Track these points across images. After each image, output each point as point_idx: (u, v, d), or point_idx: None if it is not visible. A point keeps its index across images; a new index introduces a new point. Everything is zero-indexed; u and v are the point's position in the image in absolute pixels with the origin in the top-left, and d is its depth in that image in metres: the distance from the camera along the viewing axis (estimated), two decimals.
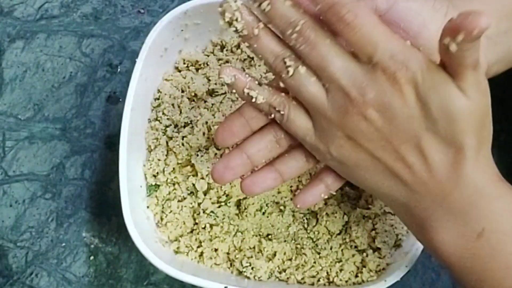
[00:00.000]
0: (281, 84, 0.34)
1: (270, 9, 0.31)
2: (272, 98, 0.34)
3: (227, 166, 0.37)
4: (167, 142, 0.47)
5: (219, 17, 0.33)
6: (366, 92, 0.31)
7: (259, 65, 0.50)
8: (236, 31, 0.33)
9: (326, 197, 0.38)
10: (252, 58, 0.50)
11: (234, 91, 0.35)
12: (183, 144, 0.47)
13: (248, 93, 0.34)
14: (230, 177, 0.37)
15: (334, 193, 0.39)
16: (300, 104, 0.34)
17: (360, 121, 0.32)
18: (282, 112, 0.34)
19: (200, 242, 0.45)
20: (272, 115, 0.35)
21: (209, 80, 0.50)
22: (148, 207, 0.46)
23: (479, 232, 0.32)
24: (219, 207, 0.46)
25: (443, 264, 0.34)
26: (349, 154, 0.34)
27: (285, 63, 0.32)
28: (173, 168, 0.47)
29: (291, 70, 0.32)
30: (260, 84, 0.35)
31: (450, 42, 0.28)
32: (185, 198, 0.46)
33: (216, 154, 0.46)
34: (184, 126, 0.48)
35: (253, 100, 0.34)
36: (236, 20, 0.32)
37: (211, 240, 0.45)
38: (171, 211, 0.46)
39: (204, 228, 0.45)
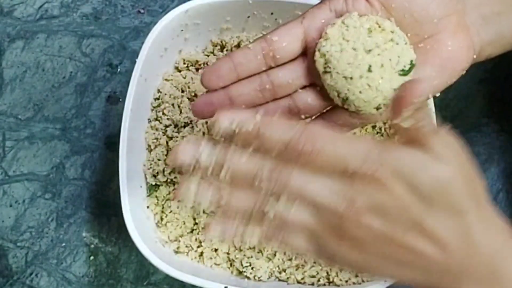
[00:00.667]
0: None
1: (229, 173, 0.30)
2: (264, 233, 0.32)
3: (207, 100, 0.36)
4: (167, 142, 0.47)
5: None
6: (354, 202, 0.30)
7: None
8: (206, 206, 0.32)
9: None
10: None
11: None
12: None
13: (241, 240, 0.33)
14: (208, 112, 0.36)
15: None
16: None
17: (358, 230, 0.31)
18: (279, 240, 0.33)
19: (200, 242, 0.45)
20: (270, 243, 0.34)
21: None
22: (148, 207, 0.46)
23: None
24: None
25: None
26: (357, 260, 0.32)
27: (262, 211, 0.31)
28: (173, 168, 0.47)
29: (271, 214, 0.31)
30: (246, 224, 0.33)
31: (401, 121, 0.29)
32: None
33: None
34: (184, 126, 0.48)
35: (247, 244, 0.32)
36: (202, 198, 0.31)
37: (211, 240, 0.45)
38: (171, 211, 0.46)
39: (204, 228, 0.45)
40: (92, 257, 0.49)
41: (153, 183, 0.47)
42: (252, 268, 0.44)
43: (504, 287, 0.32)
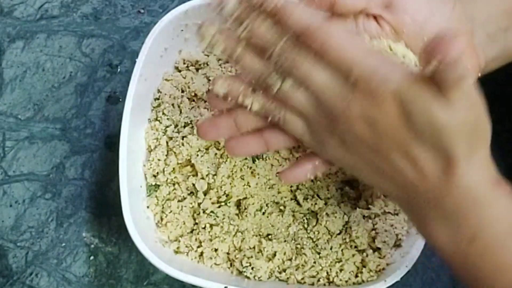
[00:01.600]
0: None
1: (250, 30, 0.32)
2: (267, 105, 0.34)
3: (213, 123, 0.37)
4: (167, 142, 0.47)
5: (199, 40, 0.33)
6: (350, 107, 0.31)
7: None
8: (216, 53, 0.33)
9: (311, 177, 0.38)
10: None
11: (230, 99, 0.35)
12: (183, 144, 0.47)
13: (243, 103, 0.34)
14: (213, 135, 0.38)
15: (320, 175, 0.39)
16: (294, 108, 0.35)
17: (348, 133, 0.32)
18: (278, 116, 0.35)
19: (200, 242, 0.45)
20: (269, 119, 0.35)
21: (209, 80, 0.50)
22: (148, 207, 0.46)
23: (471, 237, 0.32)
24: (219, 207, 0.46)
25: (441, 257, 0.35)
26: (343, 156, 0.34)
27: (267, 83, 0.33)
28: (173, 168, 0.47)
29: (274, 88, 0.33)
30: (254, 90, 0.35)
31: (429, 63, 0.28)
32: (185, 198, 0.46)
33: (216, 154, 0.46)
34: (184, 126, 0.48)
35: (248, 107, 0.34)
36: (216, 43, 0.32)
37: (211, 240, 0.45)
38: (171, 211, 0.46)
39: (204, 228, 0.45)
40: (92, 257, 0.49)
41: (153, 183, 0.47)
42: (252, 268, 0.44)
43: (471, 230, 0.32)
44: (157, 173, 0.47)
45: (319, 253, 0.44)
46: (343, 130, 0.32)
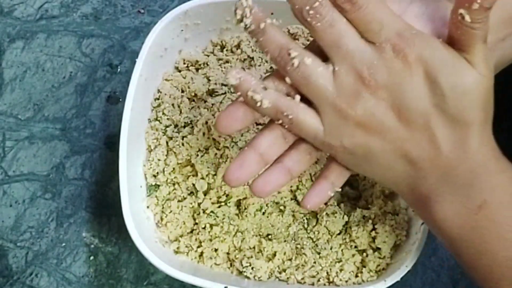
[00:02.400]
0: (288, 80, 0.34)
1: None
2: (279, 102, 0.34)
3: (241, 165, 0.36)
4: (167, 142, 0.47)
5: (233, 14, 0.34)
6: (377, 71, 0.32)
7: (259, 65, 0.50)
8: (245, 27, 0.34)
9: (332, 194, 0.38)
10: (252, 58, 0.50)
11: (239, 93, 0.34)
12: (183, 144, 0.47)
13: (252, 97, 0.34)
14: (245, 177, 0.36)
15: (339, 189, 0.39)
16: (307, 103, 0.34)
17: (370, 102, 0.32)
18: (290, 116, 0.34)
19: (200, 242, 0.45)
20: (279, 121, 0.35)
21: (209, 80, 0.50)
22: (148, 207, 0.46)
23: (480, 203, 0.33)
24: (219, 207, 0.46)
25: (444, 239, 0.35)
26: (360, 142, 0.34)
27: (289, 55, 0.33)
28: (173, 168, 0.47)
29: (296, 61, 0.33)
30: (265, 88, 0.34)
31: (465, 12, 0.29)
32: (185, 198, 0.46)
33: (216, 154, 0.46)
34: (184, 126, 0.48)
35: (258, 104, 0.34)
36: (246, 16, 0.33)
37: (211, 240, 0.45)
38: (171, 211, 0.46)
39: (204, 228, 0.45)
40: (92, 257, 0.49)
41: (153, 183, 0.47)
42: (252, 268, 0.44)
43: (482, 195, 0.33)
44: (157, 173, 0.47)
45: (319, 253, 0.44)
46: (364, 103, 0.32)
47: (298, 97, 0.34)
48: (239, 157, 0.36)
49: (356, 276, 0.44)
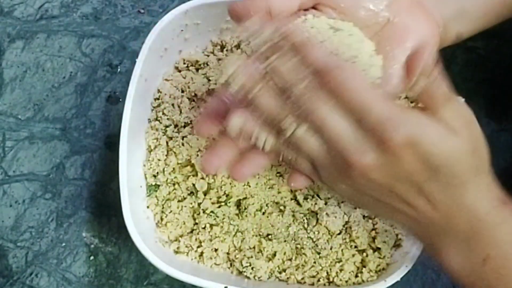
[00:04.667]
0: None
1: (273, 67, 0.31)
2: (279, 146, 0.34)
3: (213, 153, 0.37)
4: (167, 142, 0.47)
5: (223, 69, 0.33)
6: (365, 156, 0.31)
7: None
8: (237, 87, 0.33)
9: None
10: None
11: (241, 139, 0.34)
12: (183, 144, 0.47)
13: (255, 143, 0.34)
14: (218, 163, 0.36)
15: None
16: None
17: (361, 179, 0.32)
18: (289, 158, 0.35)
19: (200, 242, 0.45)
20: (280, 158, 0.35)
21: (209, 80, 0.50)
22: (148, 207, 0.46)
23: (484, 258, 0.33)
24: (219, 207, 0.46)
25: (456, 282, 0.36)
26: (353, 197, 0.35)
27: (280, 127, 0.33)
28: (173, 168, 0.47)
29: (288, 132, 0.32)
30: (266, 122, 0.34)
31: (416, 81, 0.30)
32: (185, 198, 0.46)
33: None
34: (184, 126, 0.48)
35: (261, 147, 0.34)
36: (238, 77, 0.32)
37: (211, 240, 0.45)
38: (171, 211, 0.46)
39: (204, 228, 0.45)
40: (92, 257, 0.49)
41: (153, 183, 0.47)
42: (252, 268, 0.44)
43: (484, 250, 0.34)
44: (157, 173, 0.47)
45: (319, 253, 0.44)
46: (356, 177, 0.32)
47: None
48: (213, 145, 0.37)
49: (356, 276, 0.44)
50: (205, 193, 0.46)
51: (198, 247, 0.45)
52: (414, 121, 0.31)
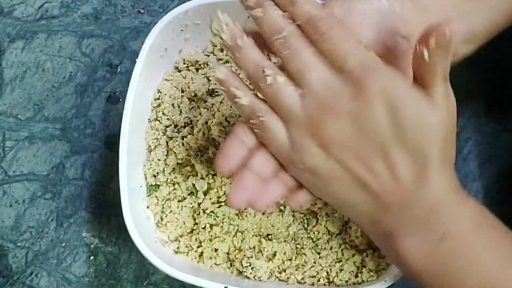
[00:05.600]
0: (259, 95, 0.35)
1: (261, 15, 0.33)
2: (256, 102, 0.35)
3: (241, 188, 0.36)
4: (167, 142, 0.47)
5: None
6: (339, 99, 0.32)
7: None
8: (222, 41, 0.35)
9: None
10: None
11: (223, 88, 0.36)
12: (183, 144, 0.47)
13: (234, 93, 0.35)
14: (247, 197, 0.37)
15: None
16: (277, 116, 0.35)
17: (332, 129, 0.33)
18: (261, 119, 0.35)
19: (200, 242, 0.45)
20: (252, 121, 0.36)
21: (209, 80, 0.50)
22: (148, 207, 0.46)
23: (441, 236, 0.33)
24: (219, 207, 0.46)
25: (409, 274, 0.35)
26: (322, 164, 0.34)
27: (263, 72, 0.34)
28: (173, 168, 0.47)
29: (269, 78, 0.34)
30: (249, 89, 0.36)
31: (424, 50, 0.30)
32: (185, 198, 0.46)
33: (216, 154, 0.46)
34: (184, 126, 0.48)
35: (237, 100, 0.35)
36: (222, 31, 0.34)
37: (211, 240, 0.45)
38: (171, 211, 0.46)
39: (204, 228, 0.45)
40: (92, 257, 0.50)
41: (153, 183, 0.47)
42: (252, 268, 0.44)
43: (442, 228, 0.33)
44: (157, 173, 0.47)
45: (319, 253, 0.44)
46: (326, 129, 0.33)
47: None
48: (239, 181, 0.37)
49: (356, 276, 0.44)
50: (205, 193, 0.46)
51: (198, 247, 0.45)
52: (396, 76, 0.32)
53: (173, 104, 0.49)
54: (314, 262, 0.44)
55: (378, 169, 0.33)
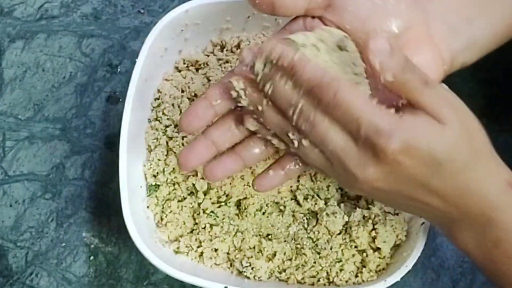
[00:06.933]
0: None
1: (272, 91, 0.32)
2: (294, 146, 0.35)
3: (191, 151, 0.37)
4: (167, 142, 0.47)
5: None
6: (366, 169, 0.31)
7: None
8: (242, 106, 0.34)
9: (283, 182, 0.39)
10: None
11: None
12: (183, 144, 0.47)
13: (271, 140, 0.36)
14: (195, 163, 0.37)
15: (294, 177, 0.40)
16: None
17: (369, 188, 0.33)
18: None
19: (200, 242, 0.45)
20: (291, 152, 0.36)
21: (209, 80, 0.50)
22: (148, 207, 0.46)
23: (496, 242, 0.34)
24: (219, 207, 0.46)
25: (471, 260, 0.37)
26: (369, 195, 0.37)
27: (288, 136, 0.34)
28: (173, 168, 0.47)
29: (295, 143, 0.34)
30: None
31: (384, 77, 0.30)
32: (185, 198, 0.46)
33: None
34: None
35: (275, 145, 0.36)
36: (241, 97, 0.34)
37: (211, 240, 0.45)
38: (171, 211, 0.46)
39: (204, 228, 0.45)
40: (92, 257, 0.49)
41: (153, 183, 0.47)
42: (252, 268, 0.44)
43: (495, 235, 0.34)
44: (157, 173, 0.47)
45: (319, 253, 0.44)
46: (363, 187, 0.33)
47: None
48: (191, 142, 0.37)
49: (356, 276, 0.44)
50: (205, 193, 0.46)
51: (198, 247, 0.45)
52: (403, 126, 0.30)
53: (173, 104, 0.49)
54: (314, 262, 0.44)
55: (425, 200, 0.33)
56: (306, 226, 0.46)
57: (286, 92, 0.32)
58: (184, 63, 0.51)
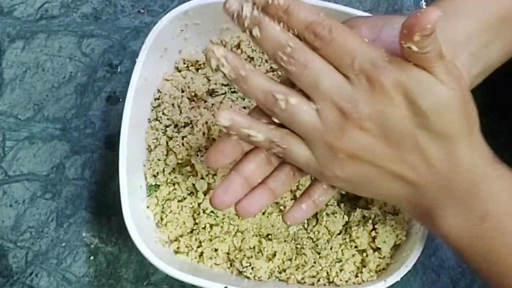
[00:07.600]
0: (275, 120, 0.34)
1: (261, 34, 0.32)
2: (271, 134, 0.34)
3: (226, 191, 0.36)
4: (167, 142, 0.47)
5: (207, 64, 0.33)
6: (357, 103, 0.32)
7: (259, 65, 0.50)
8: (224, 75, 0.33)
9: (314, 212, 0.39)
10: (252, 58, 0.50)
11: (233, 133, 0.34)
12: (183, 144, 0.47)
13: (247, 133, 0.34)
14: (231, 202, 0.37)
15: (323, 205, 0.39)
16: (297, 135, 0.35)
17: (357, 134, 0.33)
18: (283, 146, 0.34)
19: (200, 242, 0.45)
20: (273, 150, 0.35)
21: (209, 80, 0.50)
22: (148, 207, 0.46)
23: (483, 215, 0.34)
24: None
25: (454, 250, 0.36)
26: (354, 172, 0.34)
27: (275, 97, 0.33)
28: (173, 168, 0.47)
29: (282, 103, 0.33)
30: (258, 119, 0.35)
31: (410, 44, 0.30)
32: (185, 198, 0.46)
33: None
34: (184, 126, 0.48)
35: (252, 139, 0.34)
36: (223, 65, 0.33)
37: (211, 240, 0.45)
38: (171, 211, 0.46)
39: (204, 228, 0.45)
40: (92, 257, 0.49)
41: (153, 183, 0.47)
42: (252, 268, 0.44)
43: (483, 207, 0.34)
44: (157, 173, 0.47)
45: (319, 253, 0.44)
46: (351, 136, 0.32)
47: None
48: (224, 181, 0.37)
49: (356, 276, 0.44)
50: (205, 193, 0.46)
51: (198, 247, 0.45)
52: (403, 66, 0.31)
53: (173, 104, 0.49)
54: (314, 262, 0.44)
55: (412, 162, 0.33)
56: (306, 226, 0.46)
57: (276, 34, 0.32)
58: (184, 63, 0.51)
